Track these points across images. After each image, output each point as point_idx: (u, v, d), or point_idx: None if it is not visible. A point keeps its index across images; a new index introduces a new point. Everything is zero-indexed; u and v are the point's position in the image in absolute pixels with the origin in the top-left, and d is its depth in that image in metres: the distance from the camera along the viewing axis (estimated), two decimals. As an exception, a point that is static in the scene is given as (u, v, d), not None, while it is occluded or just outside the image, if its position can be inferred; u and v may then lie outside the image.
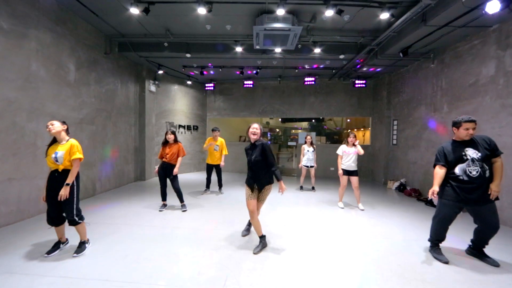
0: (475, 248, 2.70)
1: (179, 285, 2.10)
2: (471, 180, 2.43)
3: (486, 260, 2.59)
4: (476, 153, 2.45)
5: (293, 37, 4.62)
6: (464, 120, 2.48)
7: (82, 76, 4.75)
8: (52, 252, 2.57)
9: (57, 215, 2.54)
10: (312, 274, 2.32)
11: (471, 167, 2.44)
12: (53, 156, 2.46)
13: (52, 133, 2.50)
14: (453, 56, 4.83)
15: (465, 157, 2.46)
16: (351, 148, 4.55)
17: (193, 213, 4.14)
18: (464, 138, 2.52)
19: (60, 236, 2.67)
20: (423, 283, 2.19)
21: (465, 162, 2.46)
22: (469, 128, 2.46)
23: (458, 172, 2.48)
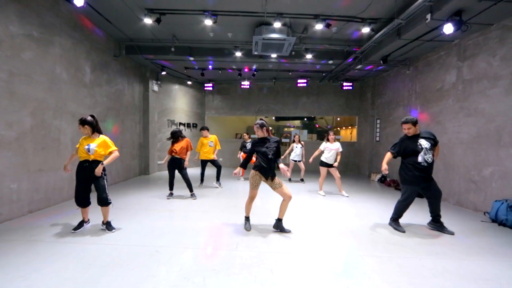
0: (435, 220, 3.34)
1: (201, 247, 2.69)
2: (429, 166, 3.12)
3: (444, 230, 3.24)
4: (427, 143, 3.14)
5: (288, 45, 5.24)
6: (402, 122, 3.23)
7: (96, 78, 5.19)
8: (78, 229, 3.03)
9: (84, 198, 3.01)
10: (304, 240, 2.96)
11: (427, 155, 3.12)
12: (86, 147, 2.91)
13: (84, 133, 2.98)
14: (425, 64, 5.60)
15: (420, 146, 3.14)
16: (332, 144, 5.20)
17: (200, 200, 4.71)
18: (408, 135, 3.22)
19: (85, 216, 3.12)
20: (387, 244, 2.88)
21: (422, 151, 3.13)
22: (405, 128, 3.18)
23: (420, 159, 3.11)
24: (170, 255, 2.50)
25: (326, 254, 2.61)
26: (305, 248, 2.75)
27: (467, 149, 4.48)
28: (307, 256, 2.55)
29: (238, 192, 5.50)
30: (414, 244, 2.90)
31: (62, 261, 2.34)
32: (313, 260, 2.48)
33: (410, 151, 3.19)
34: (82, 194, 3.01)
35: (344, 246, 2.83)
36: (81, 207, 3.07)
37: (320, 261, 2.46)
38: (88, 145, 2.92)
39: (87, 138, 3.00)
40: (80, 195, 3.00)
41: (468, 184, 4.44)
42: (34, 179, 3.75)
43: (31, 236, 2.87)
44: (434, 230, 3.33)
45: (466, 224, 3.64)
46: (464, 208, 4.49)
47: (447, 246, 2.85)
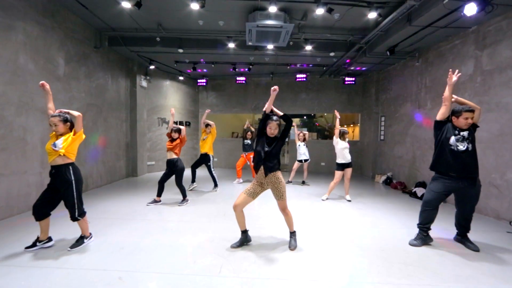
0: (461, 234, 2.86)
1: (176, 273, 2.18)
2: (461, 153, 2.58)
3: (468, 246, 2.75)
4: (466, 133, 2.63)
5: (285, 34, 4.71)
6: (464, 110, 2.64)
7: (71, 71, 4.67)
8: (31, 247, 2.53)
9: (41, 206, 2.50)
10: (302, 260, 2.45)
11: (463, 142, 2.60)
12: (52, 144, 2.43)
13: (58, 133, 2.50)
14: (436, 55, 5.08)
15: (457, 132, 2.64)
16: (345, 142, 4.65)
17: (189, 207, 4.20)
18: (462, 127, 2.64)
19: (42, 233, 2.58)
20: (405, 265, 2.38)
21: (456, 136, 2.63)
22: (468, 117, 2.62)
23: (452, 142, 2.63)
24: (135, 284, 2.00)
25: (331, 282, 2.10)
26: (304, 273, 2.25)
27: (487, 149, 3.97)
28: (307, 285, 2.05)
29: (230, 197, 4.98)
30: (437, 265, 2.40)
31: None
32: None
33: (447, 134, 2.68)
34: (42, 203, 2.50)
35: (351, 268, 2.32)
36: (38, 220, 2.53)
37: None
38: (54, 143, 2.44)
39: (54, 136, 2.52)
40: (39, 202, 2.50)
41: (489, 188, 3.93)
42: (-10, 185, 3.24)
43: (-29, 257, 2.37)
44: (458, 243, 2.87)
45: (490, 236, 3.14)
46: (484, 215, 3.99)
47: (476, 268, 2.35)
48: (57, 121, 2.48)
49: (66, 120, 2.54)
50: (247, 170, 7.41)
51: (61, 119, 2.51)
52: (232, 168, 8.79)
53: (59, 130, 2.48)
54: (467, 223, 2.80)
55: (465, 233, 2.84)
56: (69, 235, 2.85)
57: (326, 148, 8.20)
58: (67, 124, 2.54)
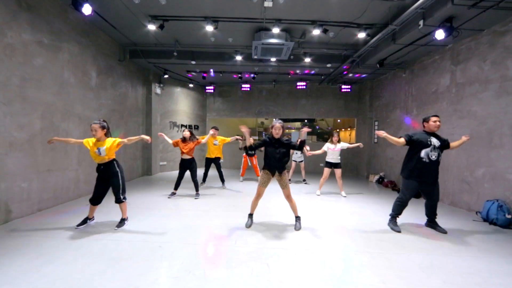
0: (431, 220, 3.47)
1: (200, 243, 2.84)
2: (431, 162, 3.14)
3: (437, 229, 3.36)
4: (437, 142, 3.22)
5: (286, 49, 5.41)
6: (432, 115, 3.29)
7: (101, 82, 5.39)
8: (81, 225, 3.23)
9: (98, 196, 3.24)
10: (302, 237, 3.10)
11: (433, 152, 3.16)
12: (96, 151, 3.11)
13: (96, 137, 3.12)
14: (420, 67, 5.74)
15: (430, 143, 3.17)
16: (336, 145, 5.35)
17: (202, 200, 4.87)
18: (433, 130, 3.21)
19: (90, 213, 3.33)
20: (380, 241, 3.01)
21: (429, 147, 3.15)
22: (436, 121, 3.20)
23: (423, 155, 3.15)
24: (172, 250, 2.66)
25: (321, 251, 2.75)
26: (301, 245, 2.89)
27: (460, 151, 4.60)
28: (302, 252, 2.69)
29: (238, 192, 5.64)
30: (406, 241, 3.03)
31: (71, 255, 2.50)
32: (307, 256, 2.62)
33: (419, 144, 3.18)
34: (99, 193, 3.24)
35: (338, 243, 2.97)
36: (92, 205, 3.28)
37: (314, 257, 2.60)
38: (98, 148, 3.09)
39: (97, 142, 3.15)
40: (96, 194, 3.23)
41: (462, 184, 4.55)
42: (43, 178, 3.93)
43: (42, 232, 3.04)
44: (429, 228, 3.48)
45: (459, 224, 3.76)
46: (458, 208, 4.61)
47: (437, 244, 2.98)
48: (97, 127, 3.12)
49: (104, 128, 3.20)
50: (250, 170, 8.07)
51: (100, 126, 3.15)
52: (236, 169, 9.46)
53: (97, 135, 3.10)
54: (435, 210, 3.42)
55: (433, 218, 3.46)
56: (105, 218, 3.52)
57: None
58: (104, 130, 3.18)
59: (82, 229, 3.18)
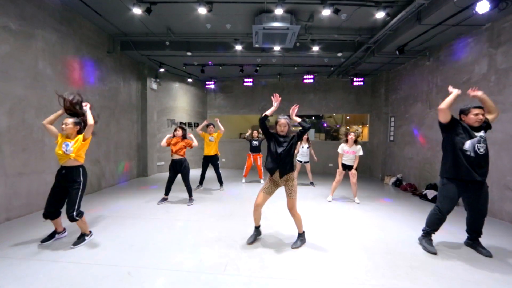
0: (473, 238, 2.75)
1: (182, 270, 2.26)
2: (478, 157, 2.47)
3: (479, 251, 2.65)
4: (483, 133, 2.53)
5: (292, 35, 4.74)
6: (473, 106, 2.55)
7: (86, 75, 4.88)
8: (47, 241, 2.71)
9: (54, 210, 2.68)
10: (307, 260, 2.47)
11: (480, 143, 2.49)
12: (63, 146, 2.59)
13: (66, 132, 2.65)
14: (448, 53, 4.94)
15: (473, 135, 2.50)
16: (350, 148, 4.64)
17: (195, 206, 4.30)
18: (473, 125, 2.52)
19: (57, 227, 2.81)
20: (411, 269, 2.34)
21: (475, 138, 2.49)
22: (478, 113, 2.49)
23: (467, 147, 2.50)
24: (143, 279, 2.09)
25: (334, 282, 2.11)
26: (308, 272, 2.27)
27: (501, 151, 3.83)
28: (309, 285, 2.07)
29: (237, 197, 5.05)
30: (444, 269, 2.35)
31: (21, 282, 1.97)
32: None
33: (461, 133, 2.53)
34: (53, 204, 2.67)
35: (356, 269, 2.32)
36: (50, 219, 2.72)
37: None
38: (65, 144, 2.60)
39: (64, 138, 2.66)
40: (51, 204, 2.66)
41: (503, 191, 3.79)
42: (12, 183, 3.46)
43: None
44: (469, 248, 2.78)
45: (504, 241, 3.03)
46: (499, 219, 3.85)
47: (487, 274, 2.28)
48: (70, 122, 2.65)
49: (78, 124, 2.71)
50: (254, 171, 7.45)
51: (74, 121, 2.69)
52: (239, 169, 8.87)
53: (68, 129, 2.64)
54: (480, 227, 2.70)
55: (477, 237, 2.75)
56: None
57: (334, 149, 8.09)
58: (77, 127, 2.70)
59: (47, 245, 2.66)
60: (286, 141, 2.72)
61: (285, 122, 2.74)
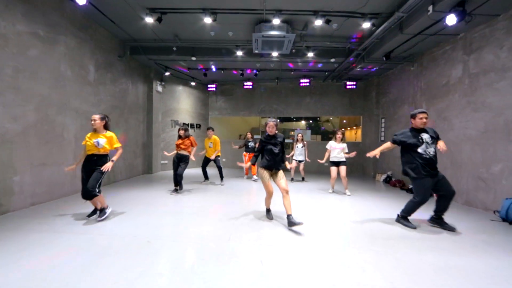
0: (437, 216, 3.20)
1: (192, 239, 2.65)
2: (430, 158, 3.03)
3: (445, 226, 3.10)
4: (429, 138, 3.08)
5: (288, 42, 5.23)
6: (418, 112, 3.14)
7: (100, 77, 5.33)
8: (91, 216, 3.27)
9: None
10: (300, 237, 2.87)
11: (428, 148, 3.05)
12: (95, 141, 3.11)
13: (95, 127, 3.17)
14: (430, 59, 5.45)
15: (421, 140, 3.07)
16: (338, 144, 5.19)
17: (199, 197, 4.70)
18: (419, 126, 3.13)
19: (95, 204, 3.24)
20: (386, 240, 2.75)
21: (422, 145, 3.06)
22: (423, 117, 3.09)
23: (421, 151, 3.04)
24: (161, 246, 2.48)
25: (320, 247, 2.52)
26: (299, 241, 2.67)
27: (474, 145, 4.29)
28: (300, 249, 2.47)
29: (239, 190, 5.45)
30: (415, 240, 2.76)
31: (55, 249, 2.36)
32: (306, 252, 2.39)
33: (411, 143, 3.10)
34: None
35: (339, 240, 2.73)
36: (89, 200, 3.14)
37: (313, 253, 2.38)
38: (97, 139, 3.13)
39: (94, 134, 3.19)
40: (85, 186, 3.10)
41: (477, 182, 4.23)
42: (37, 172, 3.84)
43: (30, 226, 2.92)
44: (434, 226, 3.20)
45: (475, 224, 3.45)
46: (474, 207, 4.27)
47: (451, 243, 2.70)
48: (97, 118, 3.21)
49: (103, 119, 3.26)
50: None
51: (100, 117, 3.24)
52: (239, 168, 9.27)
53: (96, 125, 3.17)
54: (449, 204, 3.12)
55: (442, 215, 3.18)
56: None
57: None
58: (103, 122, 3.24)
59: (71, 224, 3.04)
60: (277, 142, 3.25)
61: (272, 124, 3.27)
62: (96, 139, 3.13)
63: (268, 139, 3.30)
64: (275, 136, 3.31)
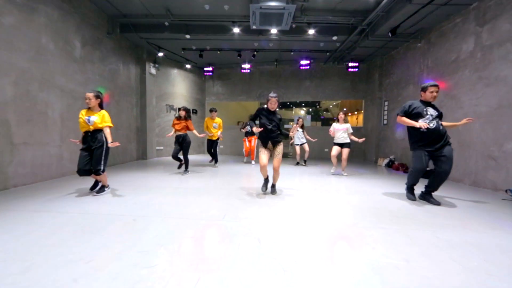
0: (427, 192, 3.14)
1: (183, 218, 2.43)
2: (431, 131, 2.93)
3: (431, 201, 3.07)
4: (434, 112, 3.00)
5: (288, 16, 4.87)
6: (430, 84, 3.02)
7: (87, 54, 4.98)
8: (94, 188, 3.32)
9: (84, 167, 3.07)
10: (302, 216, 2.66)
11: (430, 123, 2.95)
12: (86, 118, 3.06)
13: (90, 105, 3.10)
14: (438, 35, 5.13)
15: (426, 112, 2.99)
16: (341, 125, 4.99)
17: (193, 179, 4.47)
18: (429, 100, 3.03)
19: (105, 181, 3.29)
20: (395, 217, 2.54)
21: (426, 117, 2.98)
22: (433, 91, 3.00)
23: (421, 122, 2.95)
24: (147, 224, 2.26)
25: (323, 225, 2.30)
26: (300, 219, 2.46)
27: (485, 124, 4.04)
28: (302, 227, 2.26)
29: (235, 173, 5.23)
30: (426, 218, 2.55)
31: (30, 227, 2.13)
32: (308, 231, 2.18)
33: (416, 114, 3.02)
34: (84, 162, 3.06)
35: (344, 218, 2.52)
36: (87, 175, 3.13)
37: (316, 232, 2.16)
38: (88, 117, 3.08)
39: (89, 111, 3.13)
40: (82, 163, 3.06)
41: (487, 161, 4.01)
42: (17, 152, 3.58)
43: (7, 205, 2.69)
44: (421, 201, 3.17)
45: (484, 203, 3.24)
46: (482, 188, 4.07)
47: (463, 221, 2.49)
48: (91, 96, 3.11)
49: (98, 97, 3.15)
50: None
51: (95, 95, 3.13)
52: (236, 155, 9.04)
53: (91, 103, 3.11)
54: (441, 182, 3.02)
55: (432, 191, 3.11)
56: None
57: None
58: (98, 100, 3.17)
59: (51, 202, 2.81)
60: (275, 119, 3.21)
61: (275, 100, 3.19)
62: (88, 116, 3.08)
63: (267, 113, 3.26)
64: (274, 112, 3.27)
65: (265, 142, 3.29)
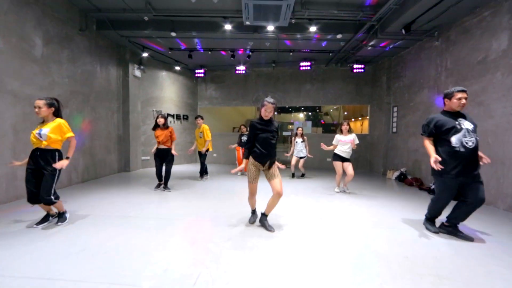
0: (451, 224, 2.55)
1: (127, 283, 1.69)
2: (467, 152, 2.32)
3: (459, 236, 2.48)
4: (470, 125, 2.35)
5: (286, 9, 4.18)
6: (457, 90, 2.42)
7: (51, 53, 4.26)
8: (42, 223, 2.63)
9: (38, 191, 2.48)
10: (308, 268, 1.93)
11: (467, 137, 2.33)
12: (37, 132, 2.44)
13: (40, 115, 2.49)
14: (460, 31, 4.45)
15: (459, 126, 2.37)
16: (346, 136, 4.41)
17: (173, 202, 3.73)
18: (456, 109, 2.44)
19: (48, 209, 2.66)
20: (438, 278, 1.82)
21: (460, 132, 2.35)
22: (462, 98, 2.37)
23: (455, 142, 2.35)
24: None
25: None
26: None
27: (525, 136, 3.35)
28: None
29: (225, 191, 4.49)
30: (482, 279, 1.83)
31: None
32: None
33: (446, 130, 2.39)
34: (34, 186, 2.49)
35: (370, 282, 1.79)
36: (36, 203, 2.55)
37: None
38: (39, 130, 2.46)
39: (42, 125, 2.54)
40: (31, 186, 2.49)
41: (528, 183, 3.31)
42: None
43: None
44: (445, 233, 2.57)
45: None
46: (522, 214, 3.37)
47: None
48: (42, 104, 2.42)
49: (52, 106, 2.52)
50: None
51: (46, 103, 2.48)
52: (230, 165, 8.31)
53: (42, 113, 2.46)
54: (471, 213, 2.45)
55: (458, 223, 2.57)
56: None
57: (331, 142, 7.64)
58: (52, 109, 2.52)
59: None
60: (272, 130, 2.58)
61: (271, 106, 2.52)
62: (39, 129, 2.47)
63: (263, 125, 2.56)
64: (271, 121, 2.61)
65: (264, 161, 2.57)
